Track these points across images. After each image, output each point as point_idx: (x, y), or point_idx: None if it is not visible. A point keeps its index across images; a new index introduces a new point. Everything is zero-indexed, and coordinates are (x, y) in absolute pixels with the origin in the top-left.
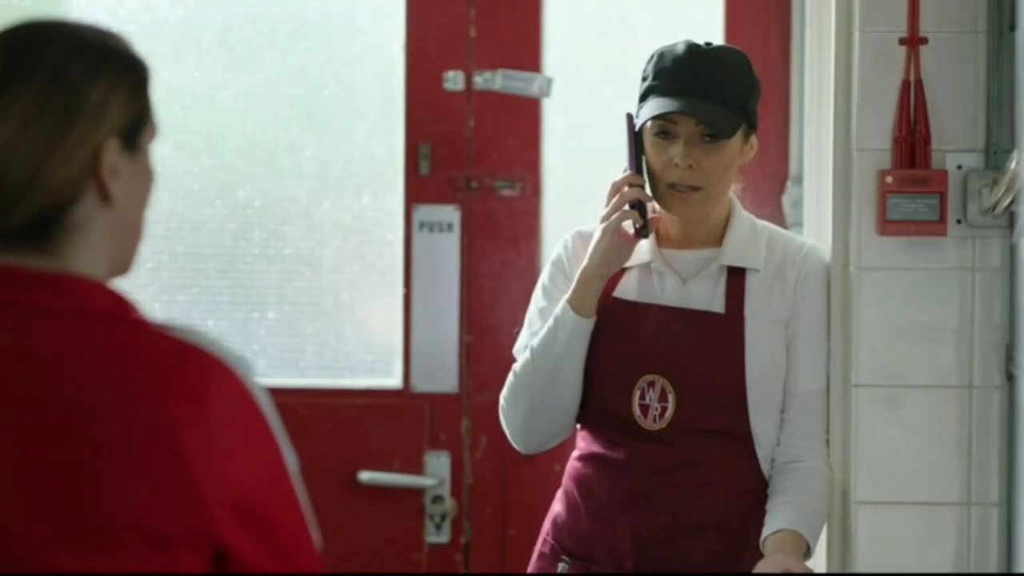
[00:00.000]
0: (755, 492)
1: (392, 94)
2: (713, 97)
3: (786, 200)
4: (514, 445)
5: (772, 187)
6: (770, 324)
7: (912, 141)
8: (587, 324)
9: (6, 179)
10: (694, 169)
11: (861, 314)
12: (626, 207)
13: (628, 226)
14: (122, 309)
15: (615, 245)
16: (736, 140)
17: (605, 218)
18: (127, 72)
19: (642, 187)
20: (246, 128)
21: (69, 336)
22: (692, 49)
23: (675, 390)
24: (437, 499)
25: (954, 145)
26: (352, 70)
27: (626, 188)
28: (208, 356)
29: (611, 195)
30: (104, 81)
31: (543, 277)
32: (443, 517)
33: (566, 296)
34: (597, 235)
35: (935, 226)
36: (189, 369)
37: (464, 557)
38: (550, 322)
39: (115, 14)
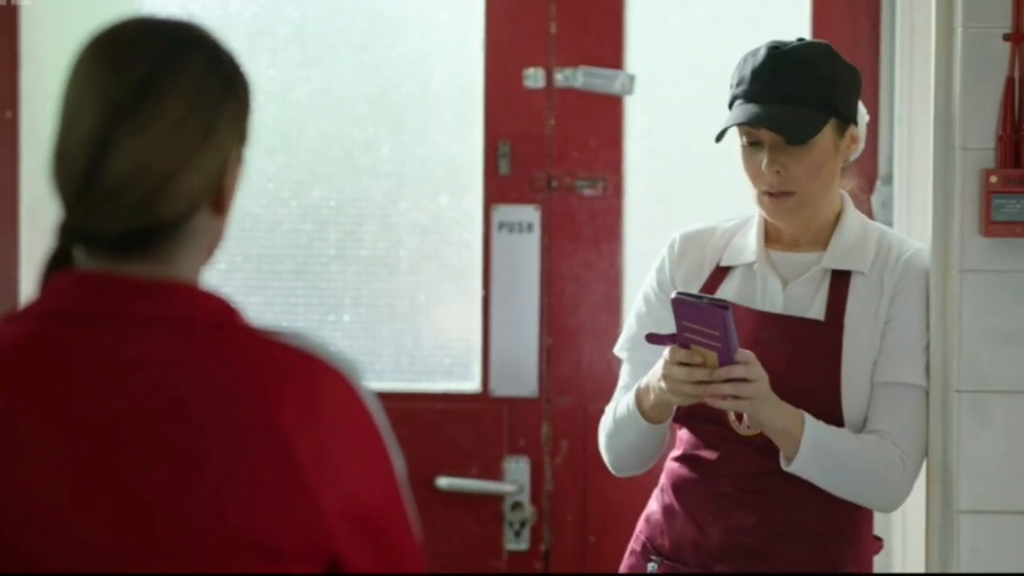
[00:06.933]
0: (848, 505)
1: (470, 92)
2: (790, 99)
3: (875, 200)
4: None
5: (861, 187)
6: (870, 333)
7: (1017, 140)
8: (659, 428)
9: (142, 183)
10: (782, 175)
11: (963, 318)
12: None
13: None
14: (227, 315)
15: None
16: (826, 138)
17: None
18: (245, 82)
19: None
20: (321, 126)
21: (172, 345)
22: (772, 52)
23: None
24: (516, 505)
25: None
26: (430, 67)
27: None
28: (319, 362)
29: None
30: (235, 92)
31: (647, 281)
32: (522, 524)
33: (640, 384)
34: (661, 381)
35: None
36: (300, 376)
37: (544, 564)
38: (623, 409)
39: (188, 9)
